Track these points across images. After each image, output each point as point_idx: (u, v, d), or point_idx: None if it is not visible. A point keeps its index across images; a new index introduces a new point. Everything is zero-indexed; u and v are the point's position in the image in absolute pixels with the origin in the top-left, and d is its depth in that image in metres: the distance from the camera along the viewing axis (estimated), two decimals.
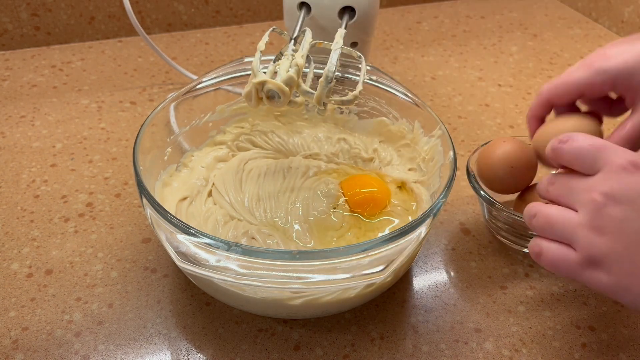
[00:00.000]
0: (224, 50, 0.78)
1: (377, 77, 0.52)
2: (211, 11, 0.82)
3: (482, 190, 0.47)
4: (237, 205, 0.47)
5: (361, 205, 0.47)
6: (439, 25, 0.88)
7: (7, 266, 0.46)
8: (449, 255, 0.49)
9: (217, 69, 0.52)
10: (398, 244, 0.37)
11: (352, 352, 0.41)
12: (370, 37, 0.59)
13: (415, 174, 0.51)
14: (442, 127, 0.47)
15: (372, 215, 0.47)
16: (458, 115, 0.67)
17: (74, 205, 0.52)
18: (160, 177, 0.47)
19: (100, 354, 0.40)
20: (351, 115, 0.56)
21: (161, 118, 0.47)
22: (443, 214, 0.53)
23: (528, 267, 0.48)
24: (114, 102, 0.66)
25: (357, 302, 0.42)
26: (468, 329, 0.43)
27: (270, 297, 0.38)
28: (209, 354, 0.40)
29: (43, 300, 0.43)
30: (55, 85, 0.69)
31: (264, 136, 0.54)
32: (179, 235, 0.36)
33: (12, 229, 0.49)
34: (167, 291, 0.45)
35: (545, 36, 0.86)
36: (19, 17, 0.73)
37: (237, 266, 0.35)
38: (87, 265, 0.46)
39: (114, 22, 0.78)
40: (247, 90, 0.44)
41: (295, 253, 0.35)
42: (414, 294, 0.46)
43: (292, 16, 0.55)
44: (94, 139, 0.60)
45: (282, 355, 0.41)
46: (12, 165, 0.56)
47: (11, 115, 0.63)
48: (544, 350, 0.42)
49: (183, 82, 0.70)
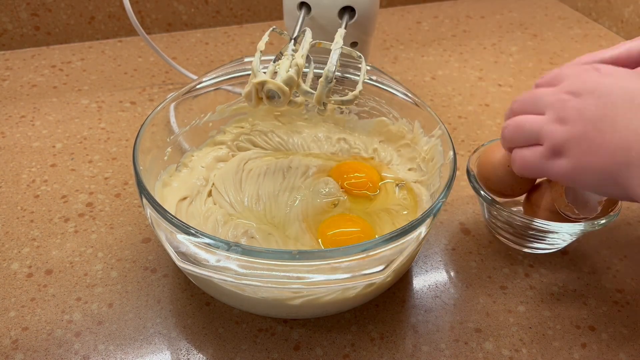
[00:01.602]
0: (224, 50, 0.78)
1: (377, 77, 0.53)
2: (211, 11, 0.82)
3: (482, 190, 0.47)
4: (237, 205, 0.47)
5: (358, 187, 0.49)
6: (439, 25, 0.88)
7: (7, 266, 0.46)
8: (449, 255, 0.49)
9: (217, 69, 0.52)
10: (398, 244, 0.37)
11: (352, 352, 0.41)
12: (370, 37, 0.59)
13: (415, 174, 0.51)
14: (442, 127, 0.47)
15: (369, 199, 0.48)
16: (458, 115, 0.67)
17: (74, 205, 0.52)
18: (160, 177, 0.47)
19: (100, 354, 0.40)
20: (351, 115, 0.56)
21: (161, 118, 0.47)
22: (443, 214, 0.53)
23: (528, 267, 0.48)
24: (114, 102, 0.66)
25: (357, 302, 0.42)
26: (468, 329, 0.43)
27: (270, 297, 0.38)
28: (209, 354, 0.40)
29: (43, 300, 0.43)
30: (55, 85, 0.69)
31: (263, 136, 0.54)
32: (179, 235, 0.36)
33: (12, 229, 0.49)
34: (167, 291, 0.45)
35: (545, 36, 0.86)
36: (19, 17, 0.73)
37: (237, 266, 0.35)
38: (87, 265, 0.46)
39: (114, 22, 0.78)
40: (247, 90, 0.44)
41: (295, 253, 0.35)
42: (414, 294, 0.46)
43: (292, 16, 0.55)
44: (94, 139, 0.60)
45: (282, 355, 0.41)
46: (12, 165, 0.56)
47: (11, 115, 0.63)
48: (544, 350, 0.42)
49: (183, 82, 0.70)
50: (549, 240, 0.48)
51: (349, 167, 0.52)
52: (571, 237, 0.47)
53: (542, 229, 0.45)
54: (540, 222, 0.45)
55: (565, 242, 0.48)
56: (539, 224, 0.45)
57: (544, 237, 0.47)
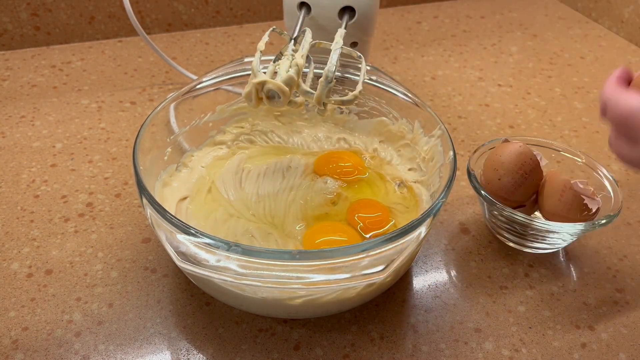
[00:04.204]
0: (224, 50, 0.78)
1: (377, 77, 0.53)
2: (211, 11, 0.82)
3: (482, 190, 0.47)
4: (236, 204, 0.47)
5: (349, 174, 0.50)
6: (439, 25, 0.88)
7: (7, 266, 0.46)
8: (449, 255, 0.49)
9: (217, 69, 0.52)
10: (398, 244, 0.37)
11: (352, 352, 0.41)
12: (370, 37, 0.59)
13: (415, 174, 0.51)
14: (442, 127, 0.47)
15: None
16: (458, 115, 0.67)
17: (74, 205, 0.52)
18: (160, 177, 0.47)
19: (100, 354, 0.40)
20: (351, 115, 0.56)
21: (161, 118, 0.47)
22: (443, 214, 0.53)
23: (528, 267, 0.48)
24: (114, 102, 0.66)
25: (357, 302, 0.42)
26: (468, 329, 0.43)
27: (270, 297, 0.38)
28: (209, 354, 0.40)
29: (43, 300, 0.43)
30: (55, 85, 0.69)
31: (264, 136, 0.54)
32: (179, 235, 0.36)
33: (12, 229, 0.49)
34: (167, 291, 0.45)
35: (545, 36, 0.86)
36: (19, 17, 0.73)
37: (237, 266, 0.35)
38: (87, 265, 0.46)
39: (114, 22, 0.78)
40: (247, 91, 0.44)
41: (295, 253, 0.35)
42: (414, 293, 0.46)
43: (292, 16, 0.55)
44: (94, 139, 0.60)
45: (282, 355, 0.41)
46: (12, 165, 0.56)
47: (11, 115, 0.63)
48: (544, 350, 0.42)
49: (183, 82, 0.70)
50: (549, 240, 0.48)
51: (329, 158, 0.52)
52: (571, 237, 0.47)
53: (542, 228, 0.45)
54: (540, 222, 0.45)
55: (565, 242, 0.48)
56: (539, 224, 0.45)
57: (544, 237, 0.47)
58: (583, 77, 0.76)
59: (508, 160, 0.46)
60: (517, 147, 0.47)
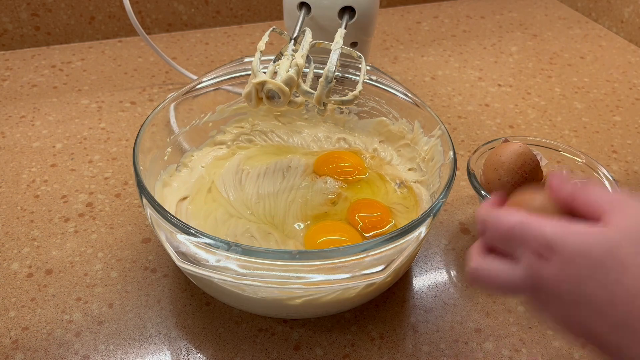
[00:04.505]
0: (224, 50, 0.78)
1: (377, 77, 0.53)
2: (211, 11, 0.82)
3: (482, 190, 0.47)
4: (236, 204, 0.47)
5: (349, 174, 0.50)
6: (438, 25, 0.88)
7: (7, 266, 0.46)
8: (449, 255, 0.49)
9: (217, 69, 0.52)
10: (398, 244, 0.37)
11: (352, 352, 0.41)
12: (370, 37, 0.59)
13: (415, 174, 0.51)
14: (442, 127, 0.47)
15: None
16: (458, 115, 0.67)
17: (74, 205, 0.52)
18: (160, 177, 0.47)
19: (100, 354, 0.40)
20: (351, 115, 0.56)
21: (161, 118, 0.47)
22: (443, 214, 0.53)
23: None
24: (114, 102, 0.66)
25: (357, 302, 0.42)
26: (468, 329, 0.43)
27: (270, 297, 0.38)
28: (209, 354, 0.40)
29: (43, 300, 0.43)
30: (55, 85, 0.69)
31: (264, 136, 0.55)
32: (179, 235, 0.36)
33: (12, 229, 0.49)
34: (167, 291, 0.45)
35: (545, 36, 0.86)
36: (19, 17, 0.73)
37: (237, 266, 0.35)
38: (87, 265, 0.46)
39: (114, 22, 0.78)
40: (247, 91, 0.44)
41: (295, 253, 0.35)
42: (414, 293, 0.46)
43: (292, 16, 0.55)
44: (94, 139, 0.60)
45: (282, 355, 0.41)
46: (12, 165, 0.56)
47: (11, 115, 0.63)
48: (544, 350, 0.42)
49: (183, 82, 0.70)
50: None
51: (329, 158, 0.52)
52: None
53: None
54: None
55: None
56: None
57: None
58: (583, 77, 0.76)
59: (508, 160, 0.46)
60: (517, 147, 0.47)
